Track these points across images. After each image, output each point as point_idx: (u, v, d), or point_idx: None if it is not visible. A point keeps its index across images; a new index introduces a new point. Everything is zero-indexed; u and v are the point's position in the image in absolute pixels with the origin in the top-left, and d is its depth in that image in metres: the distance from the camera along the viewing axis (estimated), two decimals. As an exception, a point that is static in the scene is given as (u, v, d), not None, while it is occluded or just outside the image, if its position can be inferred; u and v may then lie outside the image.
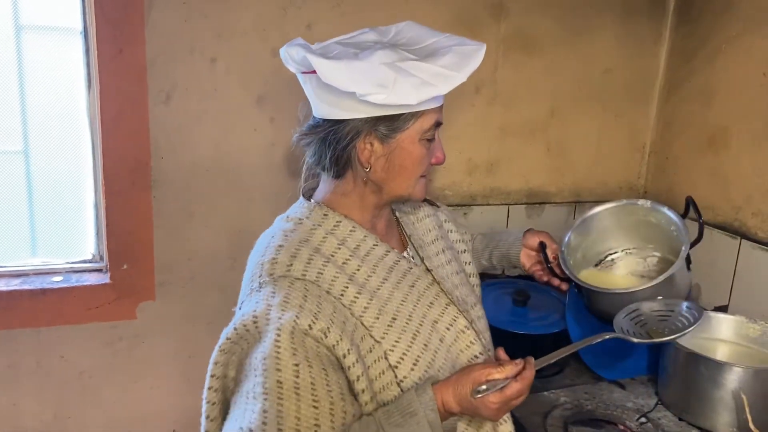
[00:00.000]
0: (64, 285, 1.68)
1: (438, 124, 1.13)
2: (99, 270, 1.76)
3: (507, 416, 1.15)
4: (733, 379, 1.29)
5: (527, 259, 1.48)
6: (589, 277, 1.44)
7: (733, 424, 1.32)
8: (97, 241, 1.77)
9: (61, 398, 1.75)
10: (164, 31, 1.62)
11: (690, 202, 1.35)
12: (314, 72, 1.02)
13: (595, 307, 1.38)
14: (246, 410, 0.94)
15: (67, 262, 1.76)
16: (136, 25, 1.59)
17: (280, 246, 1.08)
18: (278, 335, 0.96)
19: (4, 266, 1.71)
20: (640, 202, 1.45)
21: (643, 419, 1.38)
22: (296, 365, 0.95)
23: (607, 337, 1.14)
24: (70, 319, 1.69)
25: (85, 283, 1.70)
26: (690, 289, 1.37)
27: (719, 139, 1.83)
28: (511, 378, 1.00)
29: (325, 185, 1.18)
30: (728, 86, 1.80)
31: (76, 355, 1.73)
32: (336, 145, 1.08)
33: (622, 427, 1.36)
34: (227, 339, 1.01)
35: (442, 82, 1.04)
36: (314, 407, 0.94)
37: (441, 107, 1.13)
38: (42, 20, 1.63)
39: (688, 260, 1.32)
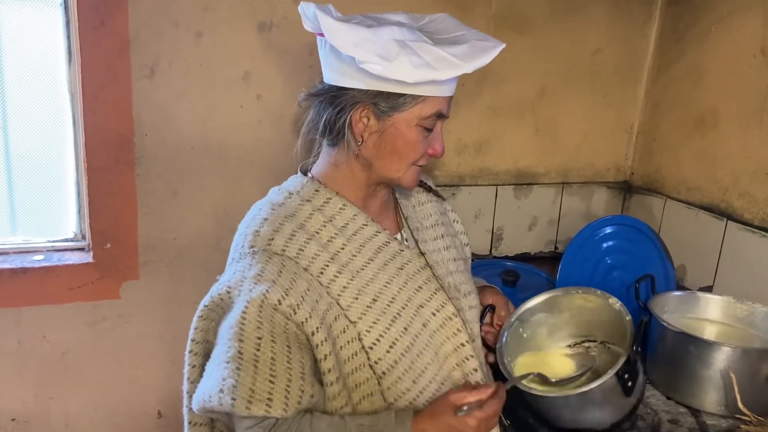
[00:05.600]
0: (46, 264, 1.64)
1: (440, 116, 1.10)
2: (81, 249, 1.73)
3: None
4: (722, 358, 1.31)
5: None
6: (534, 361, 1.31)
7: (722, 402, 1.34)
8: (79, 220, 1.73)
9: (43, 379, 1.72)
10: (148, 3, 1.57)
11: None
12: None
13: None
14: (211, 376, 0.99)
15: (49, 241, 1.72)
16: (118, -4, 1.54)
17: (265, 219, 1.09)
18: (246, 307, 0.99)
19: (-17, 245, 1.67)
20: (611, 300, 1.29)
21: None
22: (259, 338, 0.97)
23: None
24: (52, 299, 1.66)
25: (67, 262, 1.66)
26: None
27: (708, 120, 1.83)
28: (486, 399, 1.02)
29: (322, 157, 1.17)
30: (718, 67, 1.80)
31: (58, 335, 1.70)
32: (333, 110, 1.08)
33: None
34: (205, 306, 1.06)
35: (444, 67, 1.02)
36: (270, 382, 0.96)
37: (448, 99, 1.11)
38: (20, -10, 1.57)
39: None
